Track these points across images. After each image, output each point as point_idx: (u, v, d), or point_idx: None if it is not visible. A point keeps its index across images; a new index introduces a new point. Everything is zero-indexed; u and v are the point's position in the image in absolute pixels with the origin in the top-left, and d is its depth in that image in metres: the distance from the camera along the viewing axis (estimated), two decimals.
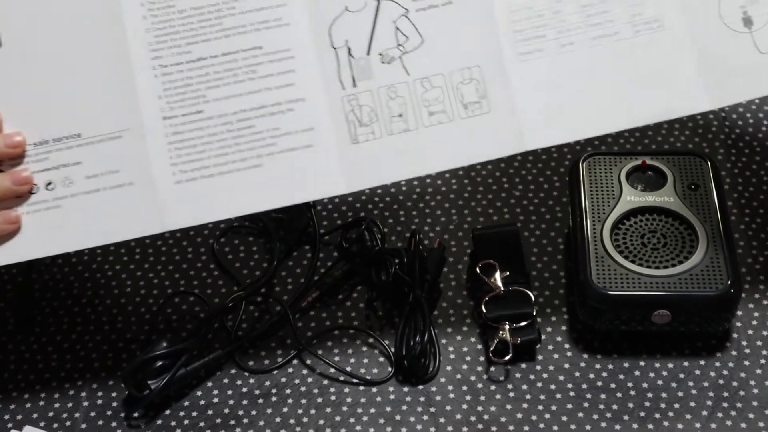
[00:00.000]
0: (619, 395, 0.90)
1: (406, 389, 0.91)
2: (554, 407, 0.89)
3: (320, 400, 0.91)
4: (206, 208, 0.86)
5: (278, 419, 0.90)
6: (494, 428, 0.88)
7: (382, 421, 0.89)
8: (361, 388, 0.91)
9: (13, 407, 0.91)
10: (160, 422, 0.90)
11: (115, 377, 0.93)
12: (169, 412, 0.90)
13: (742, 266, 0.96)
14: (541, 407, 0.89)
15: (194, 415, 0.90)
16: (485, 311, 0.92)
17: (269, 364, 0.93)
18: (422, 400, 0.90)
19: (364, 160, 0.86)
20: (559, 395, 0.90)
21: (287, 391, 0.91)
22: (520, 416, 0.89)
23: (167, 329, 0.96)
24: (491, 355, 0.91)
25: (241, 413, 0.90)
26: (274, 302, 0.97)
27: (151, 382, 0.89)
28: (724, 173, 1.03)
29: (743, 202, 1.02)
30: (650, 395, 0.89)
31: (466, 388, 0.91)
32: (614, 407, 0.89)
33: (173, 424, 0.90)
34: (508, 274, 0.95)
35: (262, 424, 0.89)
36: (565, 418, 0.88)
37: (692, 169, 0.97)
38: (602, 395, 0.90)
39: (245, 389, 0.92)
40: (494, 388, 0.91)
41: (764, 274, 0.97)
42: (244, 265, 1.01)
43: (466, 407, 0.90)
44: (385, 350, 0.94)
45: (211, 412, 0.90)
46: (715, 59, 0.87)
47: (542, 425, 0.88)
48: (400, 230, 1.02)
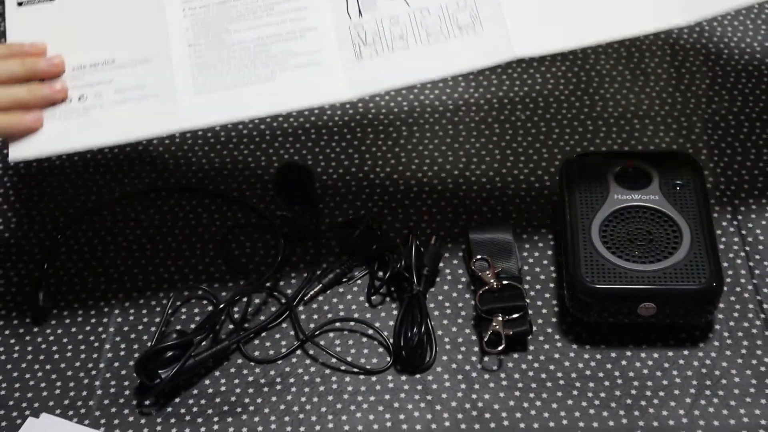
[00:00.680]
0: (606, 384, 0.90)
1: (404, 378, 0.91)
2: (545, 395, 0.89)
3: (322, 388, 0.91)
4: (220, 108, 0.90)
5: (282, 407, 0.90)
6: (488, 415, 0.88)
7: (381, 408, 0.89)
8: (361, 377, 0.92)
9: (30, 395, 0.91)
10: (170, 409, 0.90)
11: (127, 367, 0.93)
12: (178, 400, 0.91)
13: (723, 261, 0.96)
14: (532, 395, 0.89)
15: (203, 402, 0.90)
16: (479, 304, 0.92)
17: (274, 354, 0.93)
18: (419, 388, 0.90)
19: (366, 71, 0.90)
20: (549, 384, 0.90)
21: (291, 380, 0.92)
22: (512, 404, 0.89)
23: (177, 321, 0.96)
24: (485, 345, 0.91)
25: (247, 401, 0.90)
26: (278, 296, 0.97)
27: (161, 371, 0.89)
28: (706, 173, 1.03)
29: (725, 200, 1.02)
30: (636, 384, 0.90)
31: (461, 377, 0.91)
32: (602, 395, 0.89)
33: (183, 411, 0.90)
34: (501, 269, 0.95)
35: (267, 411, 0.89)
36: (555, 405, 0.89)
37: (676, 169, 0.97)
38: (590, 384, 0.90)
39: (251, 378, 0.92)
40: (488, 377, 0.91)
41: (745, 268, 0.97)
42: (250, 260, 1.01)
43: (461, 395, 0.90)
44: (384, 341, 0.94)
45: (218, 399, 0.90)
46: None
47: (533, 412, 0.88)
48: (398, 228, 1.02)
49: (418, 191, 1.05)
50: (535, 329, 0.93)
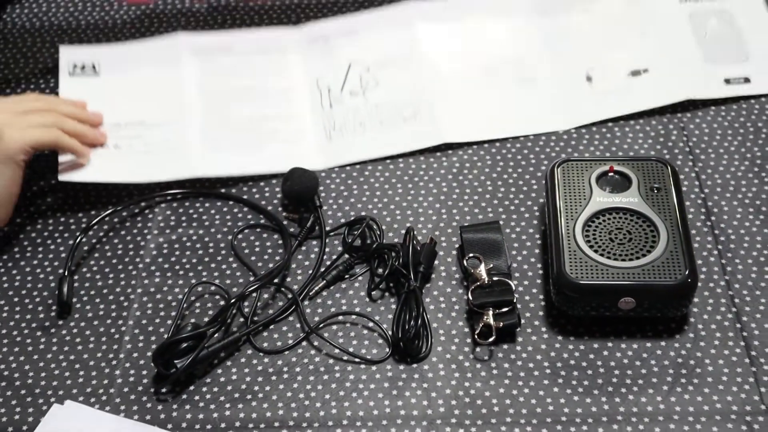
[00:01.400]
0: (589, 372, 0.90)
1: (401, 368, 0.92)
2: (532, 383, 0.90)
3: (326, 377, 0.91)
4: (222, 164, 1.07)
5: (289, 394, 0.90)
6: (479, 402, 0.89)
7: (380, 395, 0.90)
8: (362, 366, 0.92)
9: (55, 384, 0.92)
10: (185, 397, 0.90)
11: (145, 357, 0.93)
12: (193, 387, 0.91)
13: (698, 259, 0.96)
14: (520, 383, 0.90)
15: (215, 390, 0.91)
16: (471, 299, 0.93)
17: (281, 345, 0.94)
18: (416, 377, 0.91)
19: (333, 149, 1.09)
20: (536, 373, 0.90)
21: (297, 369, 0.92)
22: (502, 391, 0.89)
23: (191, 315, 0.96)
24: (477, 337, 0.91)
25: (256, 389, 0.91)
26: (285, 291, 0.98)
27: (177, 361, 0.89)
28: (682, 177, 1.03)
29: (699, 202, 1.03)
30: (617, 372, 0.90)
31: (454, 366, 0.91)
32: (585, 383, 0.89)
33: (197, 398, 0.90)
34: (491, 266, 0.95)
35: (275, 398, 0.90)
36: (542, 392, 0.89)
37: (654, 173, 0.97)
38: (575, 372, 0.90)
39: (260, 368, 0.92)
40: (479, 366, 0.91)
41: (718, 265, 0.97)
42: (259, 258, 1.01)
43: (454, 383, 0.90)
44: (383, 333, 0.94)
45: (230, 387, 0.91)
46: (566, 101, 1.11)
47: (522, 399, 0.89)
48: (396, 227, 1.03)
49: (415, 194, 1.05)
50: (523, 322, 0.93)
